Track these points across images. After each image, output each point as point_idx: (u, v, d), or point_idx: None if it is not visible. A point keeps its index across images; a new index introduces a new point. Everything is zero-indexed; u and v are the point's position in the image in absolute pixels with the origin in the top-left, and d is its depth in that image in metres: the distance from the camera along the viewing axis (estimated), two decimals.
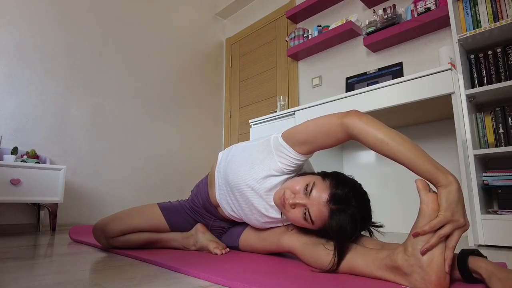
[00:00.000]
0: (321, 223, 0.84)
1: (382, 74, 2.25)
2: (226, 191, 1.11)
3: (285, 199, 0.88)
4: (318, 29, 2.73)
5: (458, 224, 0.63)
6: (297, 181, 0.90)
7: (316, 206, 0.84)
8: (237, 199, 1.07)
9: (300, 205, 0.86)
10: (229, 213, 1.15)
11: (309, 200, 0.85)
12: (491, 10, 1.67)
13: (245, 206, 1.06)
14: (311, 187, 0.86)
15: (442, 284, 0.61)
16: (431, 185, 0.70)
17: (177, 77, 3.39)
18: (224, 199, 1.13)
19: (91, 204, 2.64)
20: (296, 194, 0.88)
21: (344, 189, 0.84)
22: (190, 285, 0.73)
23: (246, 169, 1.02)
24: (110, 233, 1.16)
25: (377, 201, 2.40)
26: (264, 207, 1.01)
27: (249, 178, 1.01)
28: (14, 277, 0.81)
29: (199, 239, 1.19)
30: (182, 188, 3.20)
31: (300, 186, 0.88)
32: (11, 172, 1.98)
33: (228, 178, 1.07)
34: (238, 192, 1.05)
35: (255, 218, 1.05)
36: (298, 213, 0.87)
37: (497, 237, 1.43)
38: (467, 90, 1.62)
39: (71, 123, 2.62)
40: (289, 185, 0.91)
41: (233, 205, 1.11)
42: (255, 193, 1.01)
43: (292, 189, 0.89)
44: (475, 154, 1.55)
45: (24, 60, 2.44)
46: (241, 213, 1.09)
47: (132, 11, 3.13)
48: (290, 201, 0.87)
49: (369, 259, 0.75)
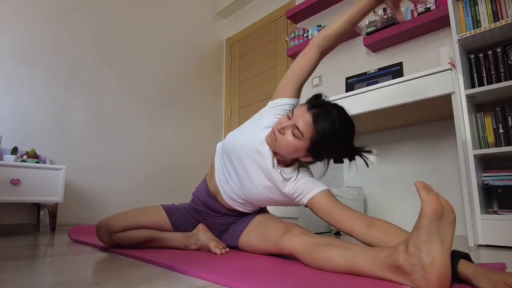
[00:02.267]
0: (310, 132, 0.95)
1: (382, 74, 2.25)
2: (225, 166, 1.17)
3: (274, 131, 0.99)
4: (318, 29, 2.73)
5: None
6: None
7: (300, 119, 0.96)
8: (235, 168, 1.12)
9: (288, 127, 0.97)
10: (228, 195, 1.17)
11: (293, 119, 0.97)
12: (491, 10, 1.68)
13: (243, 173, 1.11)
14: (292, 113, 1.00)
15: (444, 284, 0.61)
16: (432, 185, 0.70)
17: (177, 77, 3.39)
18: (223, 178, 1.18)
19: (91, 204, 2.64)
20: (282, 124, 0.99)
21: (320, 99, 1.02)
22: (190, 285, 0.73)
23: (244, 136, 1.12)
24: (113, 228, 1.18)
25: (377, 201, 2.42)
26: (263, 165, 1.07)
27: (246, 138, 1.10)
28: (14, 277, 0.81)
29: (200, 238, 1.21)
30: (182, 188, 3.20)
31: (283, 119, 1.01)
32: (11, 172, 1.98)
33: (227, 148, 1.14)
34: (236, 157, 1.11)
35: (255, 183, 1.09)
36: (289, 136, 0.97)
37: (497, 237, 1.43)
38: (467, 90, 1.62)
39: (71, 123, 2.62)
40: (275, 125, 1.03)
41: (231, 181, 1.15)
42: (251, 149, 1.08)
43: (277, 125, 1.00)
44: (475, 154, 1.55)
45: (24, 60, 2.44)
46: (240, 187, 1.13)
47: (132, 11, 3.13)
48: (278, 127, 0.98)
49: (370, 258, 0.74)
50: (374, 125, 2.19)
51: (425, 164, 2.08)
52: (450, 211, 0.67)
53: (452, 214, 0.67)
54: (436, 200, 0.66)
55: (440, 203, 0.66)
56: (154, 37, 3.26)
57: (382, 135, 2.31)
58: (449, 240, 0.65)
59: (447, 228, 0.65)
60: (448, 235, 0.65)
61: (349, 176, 2.45)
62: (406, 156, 2.17)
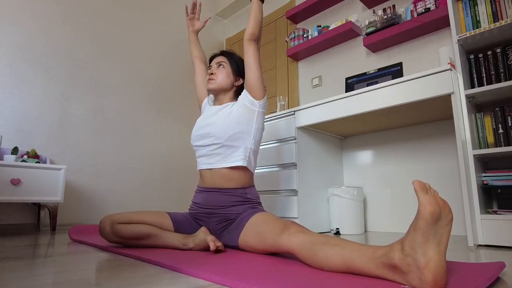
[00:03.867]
0: (226, 60, 1.51)
1: (382, 74, 2.25)
2: (203, 147, 1.41)
3: (208, 77, 1.48)
4: (318, 29, 2.73)
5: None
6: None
7: (215, 59, 1.53)
8: (208, 134, 1.40)
9: (213, 68, 1.50)
10: (216, 160, 1.37)
11: (212, 64, 1.52)
12: (491, 10, 1.68)
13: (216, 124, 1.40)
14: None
15: (439, 284, 0.62)
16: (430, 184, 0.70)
17: (177, 77, 3.39)
18: (205, 154, 1.40)
19: (91, 204, 2.64)
20: (209, 71, 1.51)
21: None
22: (190, 285, 0.73)
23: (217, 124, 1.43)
24: (117, 219, 1.25)
25: (377, 201, 2.42)
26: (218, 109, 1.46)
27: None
28: (14, 276, 0.81)
29: (199, 236, 1.23)
30: (182, 188, 3.20)
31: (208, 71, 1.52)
32: (11, 172, 1.98)
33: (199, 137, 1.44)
34: (206, 133, 1.41)
35: (226, 120, 1.39)
36: (218, 71, 1.48)
37: (496, 237, 1.43)
38: (466, 90, 1.62)
39: (72, 123, 2.63)
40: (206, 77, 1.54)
41: (211, 147, 1.38)
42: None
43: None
44: (475, 154, 1.55)
45: (25, 60, 2.45)
46: (218, 132, 1.37)
47: (133, 11, 3.13)
48: (208, 72, 1.50)
49: (366, 257, 0.75)
50: (374, 125, 2.19)
51: (425, 164, 2.08)
52: (447, 211, 0.67)
53: (450, 214, 0.67)
54: (433, 202, 0.66)
55: (437, 205, 0.66)
56: (154, 37, 3.26)
57: (382, 135, 2.31)
58: (445, 241, 0.65)
59: (443, 229, 0.66)
60: (444, 236, 0.65)
61: (349, 176, 2.46)
62: (406, 156, 2.18)
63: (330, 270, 0.82)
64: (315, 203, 2.17)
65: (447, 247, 0.65)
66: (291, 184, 2.11)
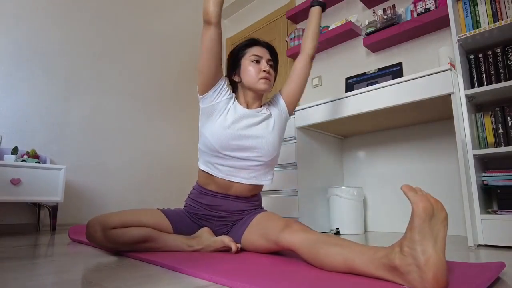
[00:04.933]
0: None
1: (381, 74, 2.25)
2: (230, 158, 1.22)
3: (266, 77, 1.26)
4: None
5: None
6: (251, 69, 1.29)
7: (265, 54, 1.31)
8: (245, 149, 1.23)
9: (267, 65, 1.29)
10: (245, 177, 1.24)
11: (261, 58, 1.30)
12: (491, 10, 1.68)
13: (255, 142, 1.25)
14: (249, 60, 1.29)
15: (439, 281, 0.62)
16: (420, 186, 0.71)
17: (177, 77, 3.39)
18: (231, 169, 1.23)
19: (91, 204, 2.64)
20: (263, 68, 1.28)
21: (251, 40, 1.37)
22: (190, 285, 0.73)
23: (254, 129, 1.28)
24: (110, 224, 1.09)
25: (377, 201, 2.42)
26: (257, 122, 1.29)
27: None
28: (14, 276, 0.81)
29: (206, 237, 1.19)
30: (182, 187, 3.20)
31: (251, 66, 1.28)
32: (11, 172, 1.98)
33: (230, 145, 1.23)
34: (241, 142, 1.23)
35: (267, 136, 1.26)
36: (271, 69, 1.32)
37: (496, 237, 1.43)
38: (466, 90, 1.62)
39: (71, 123, 2.63)
40: (253, 71, 1.28)
41: (245, 161, 1.23)
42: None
43: (260, 72, 1.27)
44: (475, 154, 1.55)
45: (24, 60, 2.44)
46: (258, 153, 1.24)
47: (132, 11, 3.13)
48: (264, 70, 1.27)
49: (367, 258, 0.75)
50: (374, 125, 2.19)
51: (425, 164, 2.08)
52: (440, 209, 0.68)
53: (443, 212, 0.68)
54: (424, 199, 0.66)
55: (429, 202, 0.67)
56: (154, 38, 3.26)
57: (382, 135, 2.31)
58: (442, 238, 0.65)
59: (439, 226, 0.66)
60: (441, 233, 0.65)
61: (349, 176, 2.46)
62: (406, 156, 2.17)
63: (331, 269, 0.82)
64: (315, 203, 2.17)
65: (445, 246, 0.66)
66: (291, 184, 2.11)
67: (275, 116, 1.32)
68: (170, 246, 1.17)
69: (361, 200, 2.17)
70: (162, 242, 1.16)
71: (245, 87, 1.29)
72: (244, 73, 1.28)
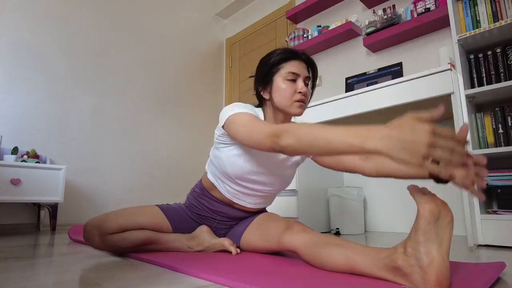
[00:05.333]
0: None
1: (381, 74, 2.25)
2: (238, 188, 1.15)
3: (301, 100, 1.06)
4: (318, 29, 2.73)
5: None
6: (285, 89, 1.08)
7: (303, 70, 1.09)
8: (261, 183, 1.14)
9: (302, 85, 1.07)
10: (250, 202, 1.19)
11: (299, 76, 1.08)
12: (491, 10, 1.68)
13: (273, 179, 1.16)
14: (283, 78, 1.07)
15: (442, 284, 0.61)
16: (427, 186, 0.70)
17: (177, 77, 3.39)
18: (239, 194, 1.17)
19: (91, 204, 2.64)
20: (299, 89, 1.07)
21: (288, 49, 1.13)
22: (190, 285, 0.73)
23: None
24: (107, 229, 1.06)
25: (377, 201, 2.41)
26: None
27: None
28: (14, 276, 0.81)
29: (206, 239, 1.18)
30: (182, 188, 3.20)
31: (285, 84, 1.07)
32: (11, 172, 1.98)
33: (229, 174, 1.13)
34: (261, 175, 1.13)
35: (275, 171, 1.15)
36: (307, 89, 1.09)
37: (496, 237, 1.43)
38: (466, 90, 1.62)
39: (71, 123, 2.63)
40: (288, 92, 1.07)
41: (256, 192, 1.17)
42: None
43: (295, 94, 1.07)
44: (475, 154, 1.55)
45: (24, 60, 2.44)
46: (270, 188, 1.17)
47: (132, 11, 3.13)
48: (300, 92, 1.06)
49: (369, 259, 0.75)
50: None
51: None
52: (447, 211, 0.67)
53: (449, 214, 0.67)
54: (431, 201, 0.66)
55: (436, 204, 0.66)
56: (154, 38, 3.26)
57: None
58: (447, 241, 0.65)
59: (444, 229, 0.66)
60: (446, 236, 0.65)
61: (349, 176, 2.45)
62: None
63: (333, 270, 0.82)
64: (315, 203, 2.17)
65: (449, 248, 0.65)
66: (291, 184, 2.11)
67: None
68: (169, 248, 1.17)
69: (361, 200, 2.17)
70: (161, 244, 1.16)
71: (275, 108, 1.11)
72: (277, 92, 1.08)
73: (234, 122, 0.97)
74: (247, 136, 0.91)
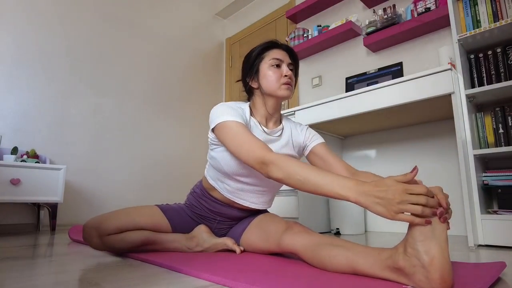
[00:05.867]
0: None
1: (382, 74, 2.25)
2: (239, 182, 1.14)
3: (288, 83, 1.12)
4: (318, 29, 2.73)
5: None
6: (271, 74, 1.14)
7: (285, 57, 1.16)
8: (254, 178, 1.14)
9: (287, 70, 1.13)
10: (249, 201, 1.17)
11: (282, 61, 1.14)
12: (491, 10, 1.68)
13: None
14: (269, 65, 1.14)
15: (447, 281, 0.61)
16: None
17: (177, 77, 3.39)
18: (238, 191, 1.16)
19: (91, 204, 2.64)
20: (284, 73, 1.13)
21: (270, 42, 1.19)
22: (190, 285, 0.73)
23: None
24: (105, 230, 1.07)
25: None
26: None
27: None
28: (14, 276, 0.81)
29: (205, 239, 1.17)
30: (182, 188, 3.20)
31: (271, 71, 1.13)
32: (11, 172, 1.98)
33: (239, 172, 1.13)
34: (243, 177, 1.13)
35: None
36: (291, 74, 1.15)
37: (497, 237, 1.43)
38: (467, 90, 1.62)
39: (71, 123, 2.62)
40: (274, 76, 1.13)
41: (252, 187, 1.16)
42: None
43: (280, 78, 1.13)
44: (475, 154, 1.55)
45: (24, 60, 2.44)
46: (262, 184, 1.16)
47: (132, 10, 3.13)
48: (285, 75, 1.12)
49: (371, 260, 0.74)
50: (374, 125, 2.19)
51: (425, 164, 2.08)
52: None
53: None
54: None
55: None
56: (154, 37, 3.26)
57: (382, 135, 2.31)
58: (444, 237, 0.65)
59: (440, 225, 0.65)
60: (442, 233, 0.65)
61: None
62: (406, 156, 2.17)
63: (334, 271, 0.81)
64: (315, 203, 2.17)
65: (448, 245, 0.65)
66: None
67: (292, 141, 1.20)
68: (168, 248, 1.17)
69: None
70: (160, 245, 1.16)
71: (265, 94, 1.15)
72: (264, 78, 1.13)
73: (222, 132, 1.02)
74: (236, 151, 0.97)
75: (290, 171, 0.83)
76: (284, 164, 0.85)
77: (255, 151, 0.92)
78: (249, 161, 0.94)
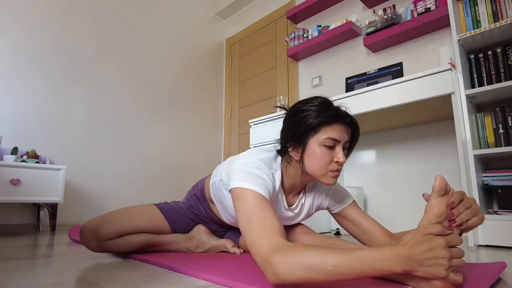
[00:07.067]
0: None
1: (382, 74, 2.25)
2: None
3: (338, 170, 0.90)
4: (318, 29, 2.73)
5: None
6: (321, 156, 0.89)
7: (345, 134, 0.90)
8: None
9: (340, 152, 0.89)
10: (229, 221, 1.13)
11: (339, 141, 0.88)
12: (491, 10, 1.68)
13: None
14: (322, 143, 0.88)
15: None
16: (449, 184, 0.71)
17: (177, 77, 3.39)
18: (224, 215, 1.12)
19: (91, 204, 2.64)
20: (338, 158, 0.88)
21: (334, 107, 0.92)
22: (190, 285, 0.73)
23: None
24: (104, 235, 1.04)
25: (377, 201, 2.41)
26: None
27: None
28: (14, 277, 0.81)
29: (207, 241, 1.17)
30: (182, 188, 3.20)
31: (323, 152, 0.88)
32: (11, 172, 1.98)
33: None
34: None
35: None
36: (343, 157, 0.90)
37: (497, 237, 1.43)
38: (467, 90, 1.62)
39: (71, 123, 2.62)
40: (323, 160, 0.89)
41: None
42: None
43: (331, 163, 0.89)
44: (475, 154, 1.55)
45: (24, 60, 2.44)
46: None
47: (132, 10, 3.13)
48: (338, 161, 0.88)
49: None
50: (374, 125, 2.19)
51: (425, 164, 2.08)
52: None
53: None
54: (438, 205, 0.67)
55: (444, 208, 0.67)
56: (154, 37, 3.26)
57: (382, 135, 2.31)
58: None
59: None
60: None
61: (349, 176, 2.45)
62: (406, 156, 2.17)
63: None
64: None
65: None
66: None
67: (313, 211, 1.08)
68: (168, 249, 1.17)
69: (361, 200, 2.17)
70: (160, 246, 1.16)
71: (304, 173, 0.93)
72: (310, 158, 0.89)
73: (237, 199, 0.80)
74: (243, 229, 0.75)
75: (314, 263, 0.60)
76: (302, 259, 0.61)
77: (262, 245, 0.67)
78: (252, 252, 0.70)
